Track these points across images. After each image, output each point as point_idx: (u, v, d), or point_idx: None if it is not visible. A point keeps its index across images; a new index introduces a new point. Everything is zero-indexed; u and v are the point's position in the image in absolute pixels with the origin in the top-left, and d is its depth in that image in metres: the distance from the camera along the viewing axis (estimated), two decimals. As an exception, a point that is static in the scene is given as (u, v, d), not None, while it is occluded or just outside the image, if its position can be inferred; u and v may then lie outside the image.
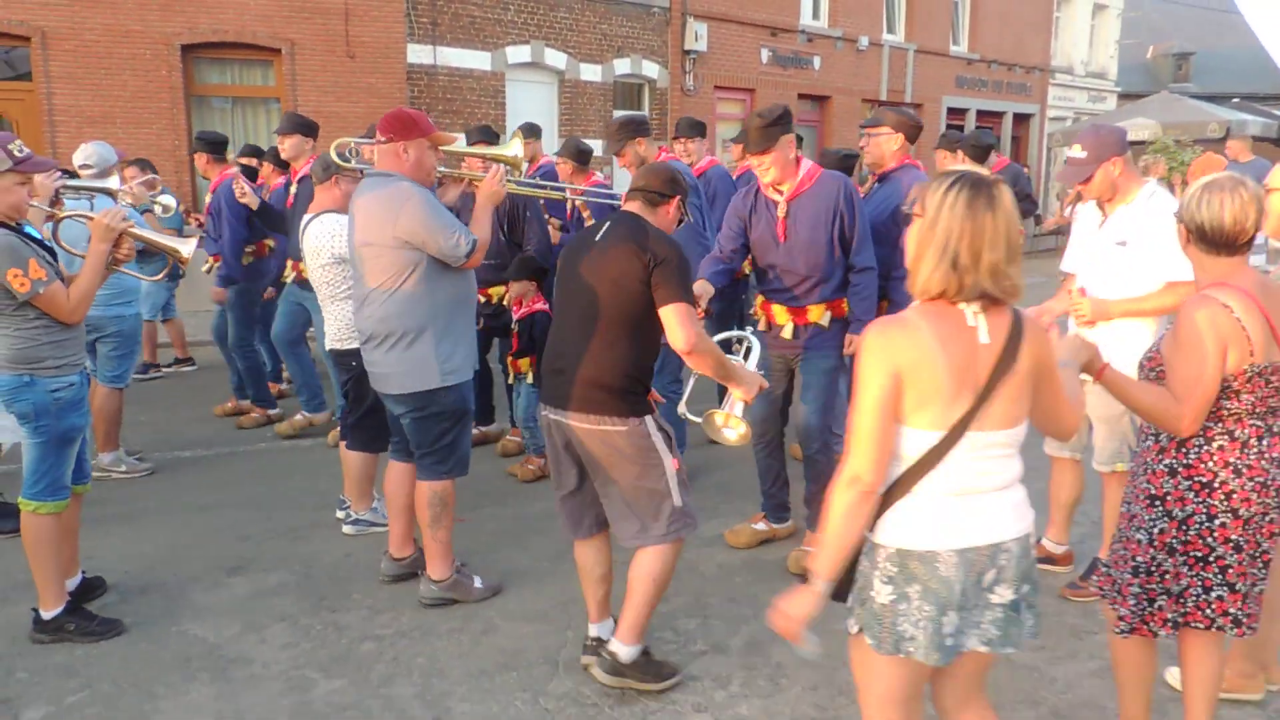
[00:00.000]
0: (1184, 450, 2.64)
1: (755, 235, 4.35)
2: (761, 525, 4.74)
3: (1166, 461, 2.67)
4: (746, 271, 5.14)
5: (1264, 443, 2.60)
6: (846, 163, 6.21)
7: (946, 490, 2.09)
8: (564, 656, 3.66)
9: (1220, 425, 2.60)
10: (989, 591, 2.12)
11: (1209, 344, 2.49)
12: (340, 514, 4.98)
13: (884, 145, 4.82)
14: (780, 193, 4.26)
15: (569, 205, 6.44)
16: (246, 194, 6.32)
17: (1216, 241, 2.58)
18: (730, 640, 3.80)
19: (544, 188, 5.77)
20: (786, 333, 4.32)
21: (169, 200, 6.34)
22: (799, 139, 5.76)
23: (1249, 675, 3.26)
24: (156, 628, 3.92)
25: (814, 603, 2.15)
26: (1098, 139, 3.78)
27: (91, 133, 10.02)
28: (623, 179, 9.93)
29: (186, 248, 4.01)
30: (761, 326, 4.41)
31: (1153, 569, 2.68)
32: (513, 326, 5.71)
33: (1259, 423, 2.59)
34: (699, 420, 3.64)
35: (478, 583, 4.18)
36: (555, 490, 3.45)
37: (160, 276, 6.00)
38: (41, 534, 3.63)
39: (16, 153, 3.56)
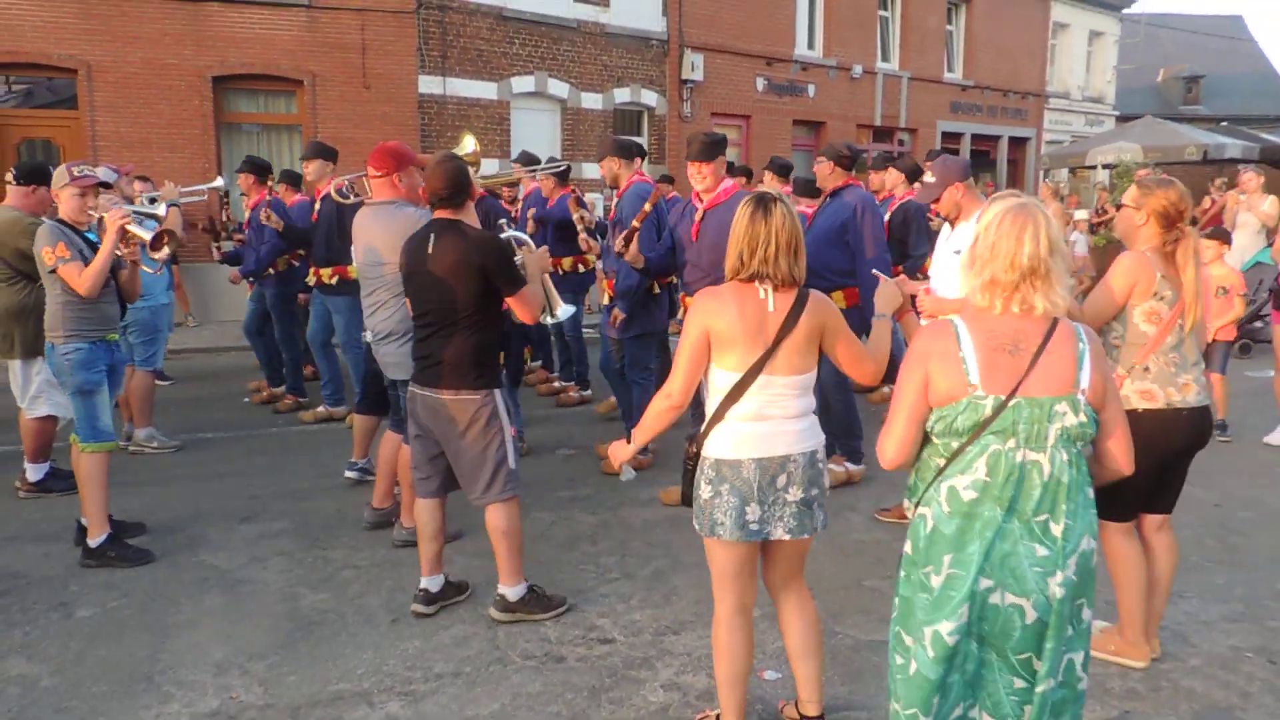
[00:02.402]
0: None
1: (679, 235, 5.33)
2: None
3: None
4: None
5: None
6: (812, 186, 7.17)
7: (746, 416, 2.95)
8: (503, 581, 4.56)
9: None
10: (784, 491, 2.96)
11: None
12: (350, 474, 6.01)
13: (820, 171, 5.94)
14: (702, 201, 5.22)
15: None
16: (272, 219, 7.32)
17: None
18: (639, 572, 4.69)
19: (501, 177, 6.67)
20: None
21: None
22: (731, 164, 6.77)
23: (1136, 644, 3.69)
24: (180, 558, 4.87)
25: (628, 451, 3.27)
26: (944, 168, 4.69)
27: (130, 156, 11.12)
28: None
29: (160, 209, 5.10)
30: (680, 314, 5.38)
31: None
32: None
33: None
34: None
35: (440, 530, 5.08)
36: (417, 455, 4.15)
37: (159, 270, 6.44)
38: (90, 471, 4.67)
39: (75, 173, 4.75)
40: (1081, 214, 13.88)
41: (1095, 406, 2.38)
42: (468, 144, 5.36)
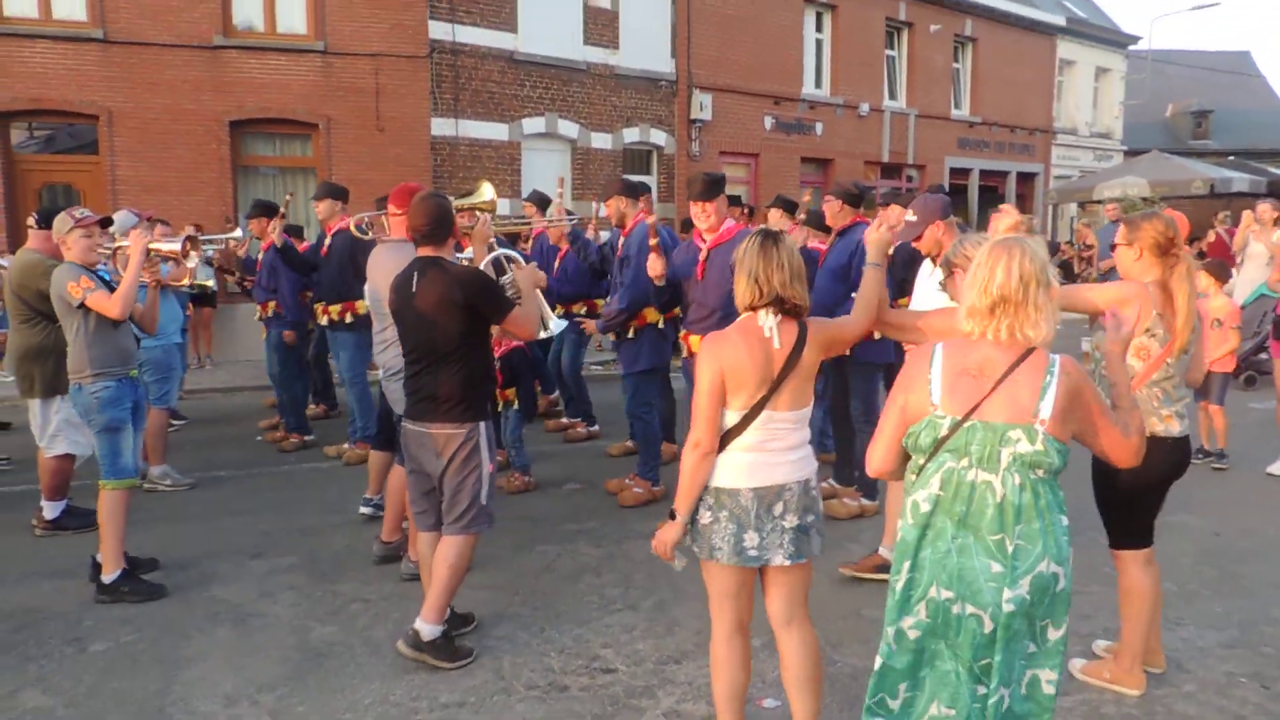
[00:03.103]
0: None
1: (682, 273, 5.46)
2: None
3: None
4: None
5: None
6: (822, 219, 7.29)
7: (747, 448, 3.06)
8: (508, 612, 4.65)
9: None
10: (781, 518, 3.05)
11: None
12: (364, 509, 6.07)
13: (829, 209, 6.10)
14: (705, 240, 5.36)
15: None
16: (269, 236, 7.53)
17: None
18: (643, 603, 4.75)
19: (516, 222, 6.84)
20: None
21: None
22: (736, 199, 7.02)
23: (1131, 672, 3.74)
24: (191, 593, 4.96)
25: (678, 531, 3.09)
26: (925, 207, 4.73)
27: (148, 200, 11.36)
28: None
29: (175, 244, 5.40)
30: (685, 354, 5.51)
31: None
32: (495, 362, 6.73)
33: None
34: None
35: (449, 563, 5.16)
36: (414, 490, 4.24)
37: (184, 281, 6.24)
38: (110, 507, 4.79)
39: (78, 215, 4.97)
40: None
41: (1060, 438, 2.48)
42: (486, 191, 5.46)
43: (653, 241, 5.50)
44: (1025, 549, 2.44)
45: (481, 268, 4.38)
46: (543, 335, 4.71)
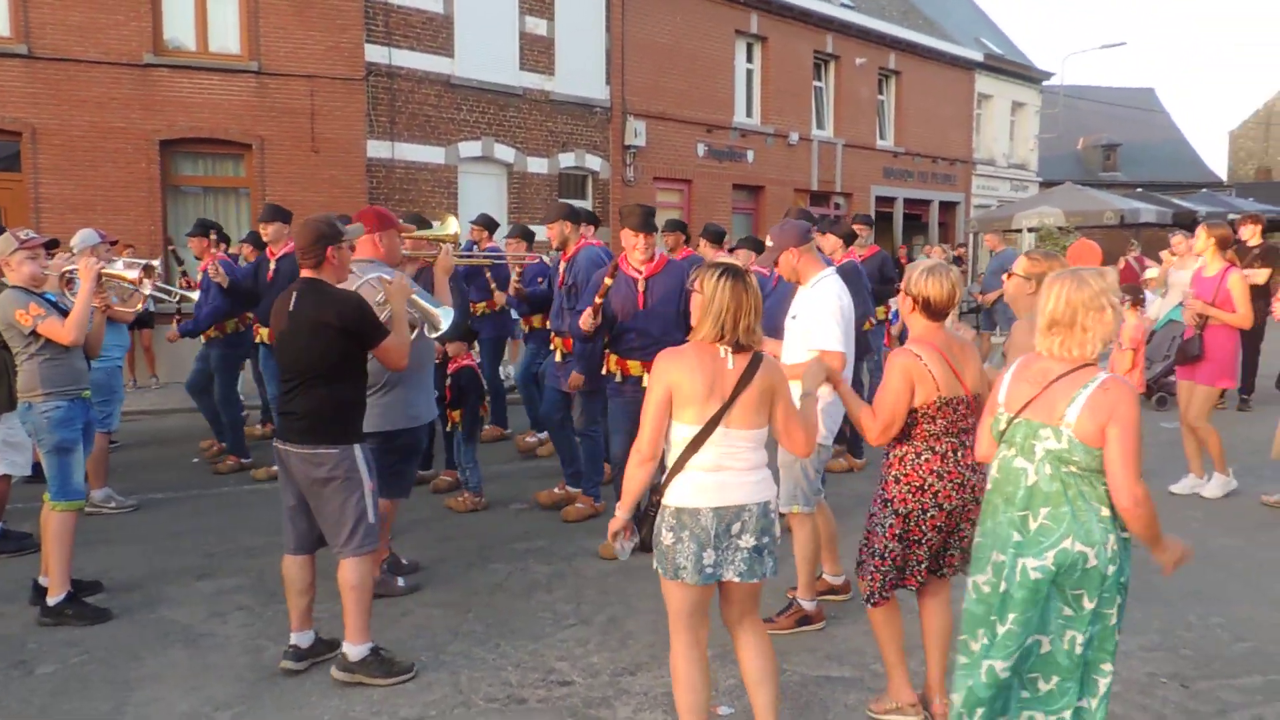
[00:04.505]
0: (903, 463, 3.63)
1: (616, 305, 5.56)
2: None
3: (893, 473, 3.64)
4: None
5: (959, 454, 3.59)
6: (759, 244, 7.51)
7: (705, 467, 3.19)
8: (462, 629, 4.71)
9: (925, 444, 3.58)
10: (737, 538, 3.19)
11: (896, 381, 3.53)
12: None
13: None
14: (639, 272, 5.52)
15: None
16: (220, 274, 7.44)
17: (933, 310, 3.60)
18: (595, 617, 4.86)
19: (477, 257, 6.96)
20: (647, 383, 5.48)
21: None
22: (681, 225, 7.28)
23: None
24: (139, 614, 4.92)
25: (619, 523, 3.28)
26: (781, 233, 4.71)
27: (74, 219, 11.06)
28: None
29: (132, 272, 5.39)
30: (618, 379, 5.67)
31: (885, 554, 3.66)
32: (446, 381, 6.78)
33: (954, 439, 3.60)
34: None
35: (400, 582, 5.20)
36: (287, 504, 4.24)
37: (139, 307, 6.24)
38: (58, 528, 4.72)
39: (22, 237, 4.91)
40: (1153, 272, 13.74)
41: (1086, 442, 2.85)
42: (450, 225, 5.53)
43: (608, 280, 5.59)
44: (1049, 528, 2.93)
45: (356, 288, 4.37)
46: (431, 336, 4.80)
